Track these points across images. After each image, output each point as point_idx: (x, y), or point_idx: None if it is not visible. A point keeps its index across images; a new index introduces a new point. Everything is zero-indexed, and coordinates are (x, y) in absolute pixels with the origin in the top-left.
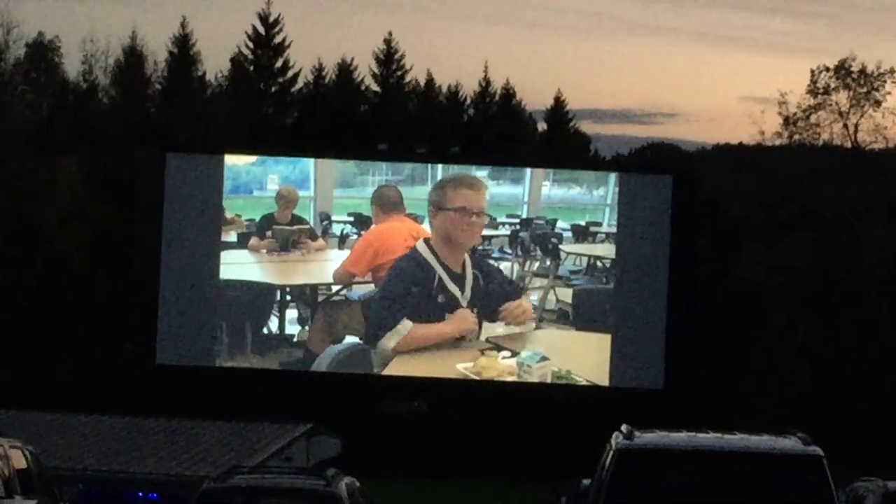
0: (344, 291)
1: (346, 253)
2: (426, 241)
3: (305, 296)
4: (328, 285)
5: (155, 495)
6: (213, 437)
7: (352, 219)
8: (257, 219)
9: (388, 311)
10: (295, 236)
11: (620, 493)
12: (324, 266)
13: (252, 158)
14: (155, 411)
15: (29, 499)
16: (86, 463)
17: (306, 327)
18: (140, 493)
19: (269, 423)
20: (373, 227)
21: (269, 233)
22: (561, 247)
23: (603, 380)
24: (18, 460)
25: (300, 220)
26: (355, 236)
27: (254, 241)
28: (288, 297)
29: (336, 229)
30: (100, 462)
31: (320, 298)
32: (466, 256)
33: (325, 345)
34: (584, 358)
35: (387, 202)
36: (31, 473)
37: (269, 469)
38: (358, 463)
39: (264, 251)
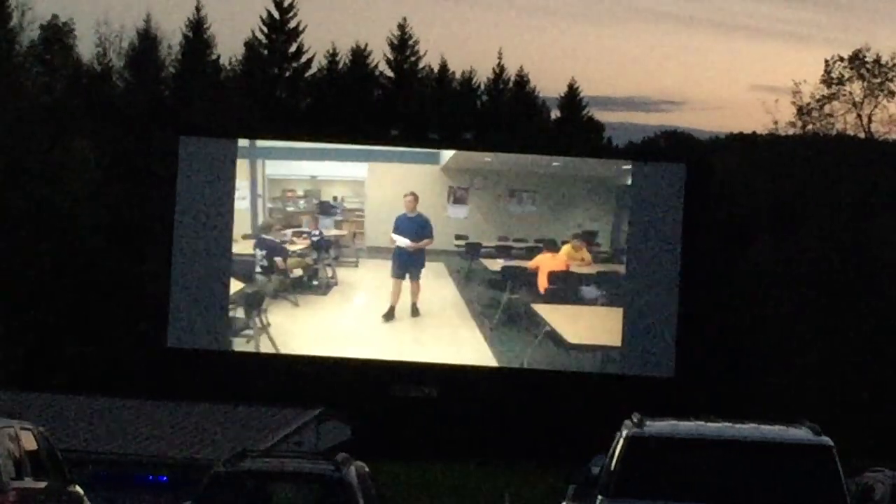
0: None
1: None
2: None
3: None
4: None
5: (165, 478)
6: (223, 420)
7: None
8: None
9: None
10: None
11: (630, 481)
12: None
13: None
14: (165, 394)
15: (39, 480)
16: (96, 445)
17: None
18: (150, 476)
19: (279, 407)
20: None
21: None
22: None
23: (614, 368)
24: (29, 442)
25: None
26: None
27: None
28: None
29: None
30: (110, 444)
31: None
32: None
33: None
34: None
35: None
36: (42, 455)
37: (279, 453)
38: (368, 446)
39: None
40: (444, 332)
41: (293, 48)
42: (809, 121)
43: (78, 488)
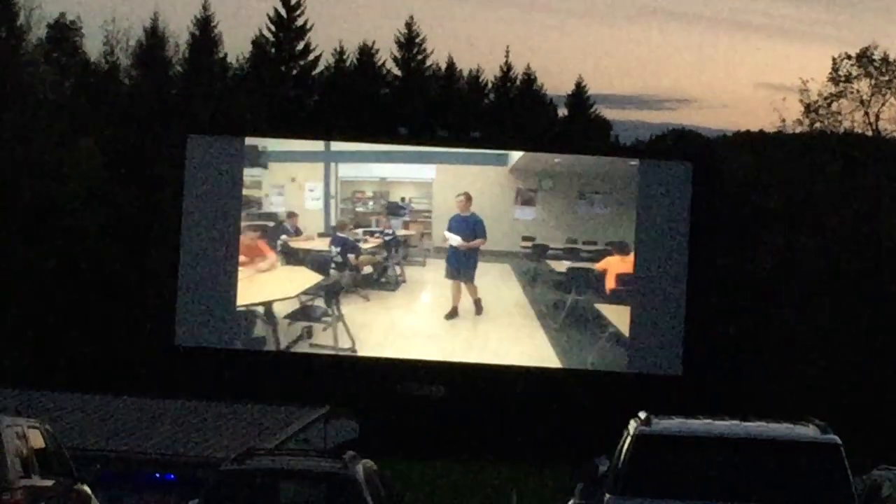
0: None
1: None
2: None
3: None
4: None
5: (172, 476)
6: (230, 419)
7: None
8: None
9: None
10: None
11: (638, 479)
12: None
13: None
14: (173, 393)
15: (46, 478)
16: (103, 443)
17: None
18: (157, 474)
19: (286, 405)
20: None
21: None
22: None
23: (621, 366)
24: (36, 440)
25: None
26: None
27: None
28: None
29: None
30: (118, 442)
31: None
32: None
33: None
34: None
35: None
36: (49, 453)
37: (287, 451)
38: (376, 445)
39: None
40: (507, 333)
41: (300, 46)
42: (817, 119)
43: (85, 486)
